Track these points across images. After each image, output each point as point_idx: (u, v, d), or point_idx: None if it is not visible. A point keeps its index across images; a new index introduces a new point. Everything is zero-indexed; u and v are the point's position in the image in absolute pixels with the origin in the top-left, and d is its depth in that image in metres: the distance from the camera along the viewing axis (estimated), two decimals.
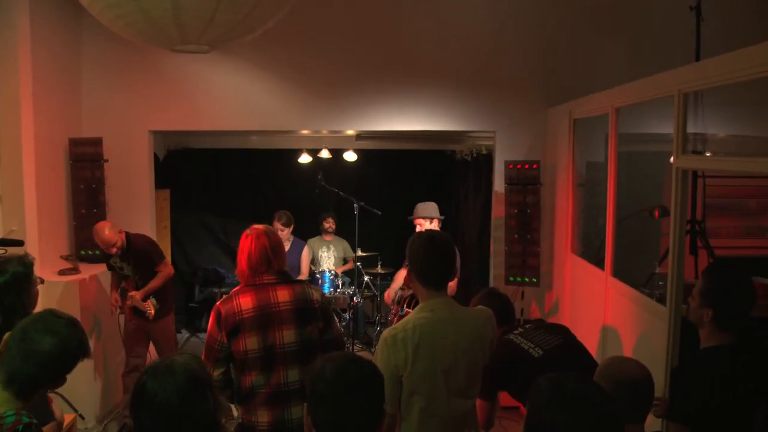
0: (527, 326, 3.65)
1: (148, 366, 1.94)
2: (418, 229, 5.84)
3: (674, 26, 5.28)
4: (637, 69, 4.63)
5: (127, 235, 5.36)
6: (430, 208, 5.92)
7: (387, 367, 2.63)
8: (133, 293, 5.28)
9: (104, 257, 5.53)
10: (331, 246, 7.88)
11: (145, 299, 5.35)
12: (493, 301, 3.65)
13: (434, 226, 5.75)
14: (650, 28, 5.96)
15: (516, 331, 3.55)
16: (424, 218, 5.83)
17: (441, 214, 5.94)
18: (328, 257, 7.82)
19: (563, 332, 3.60)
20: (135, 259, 5.38)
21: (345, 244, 8.02)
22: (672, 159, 3.62)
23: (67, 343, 1.99)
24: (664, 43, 5.61)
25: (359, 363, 1.87)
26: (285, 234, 6.93)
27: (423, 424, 2.69)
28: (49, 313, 2.04)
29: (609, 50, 6.08)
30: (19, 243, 4.08)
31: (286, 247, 6.10)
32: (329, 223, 7.90)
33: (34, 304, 2.79)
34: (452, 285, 5.53)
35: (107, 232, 5.15)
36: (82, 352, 2.04)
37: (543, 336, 3.48)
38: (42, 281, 2.89)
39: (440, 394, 2.69)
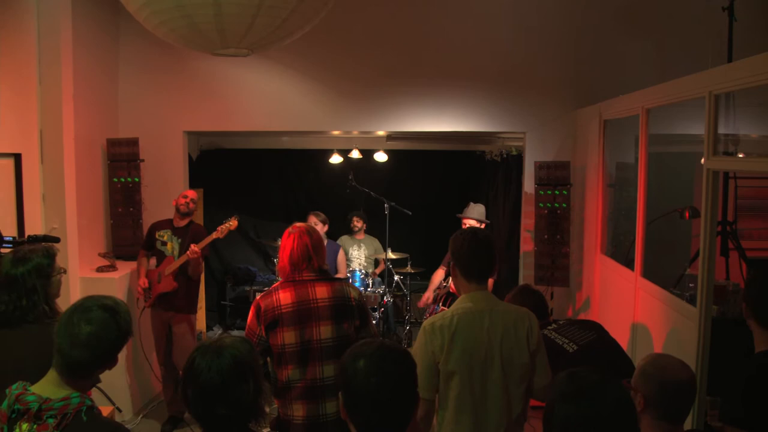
0: (561, 322, 3.69)
1: (200, 344, 2.05)
2: (463, 225, 5.96)
3: (704, 26, 5.28)
4: (667, 70, 4.66)
5: (192, 220, 5.67)
6: (480, 209, 6.01)
7: (425, 353, 2.73)
8: (193, 246, 5.35)
9: (149, 237, 5.68)
10: (362, 245, 7.95)
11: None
12: (527, 297, 3.72)
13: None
14: (679, 29, 5.95)
15: (550, 327, 3.60)
16: (473, 219, 5.91)
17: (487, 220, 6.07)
18: (358, 255, 7.89)
19: (597, 329, 3.63)
20: (190, 236, 5.51)
21: (376, 243, 8.08)
22: (703, 160, 3.63)
23: (106, 327, 2.05)
24: (693, 43, 5.60)
25: (391, 351, 1.90)
26: (320, 229, 7.00)
27: (458, 411, 2.76)
28: (89, 300, 2.12)
29: (638, 51, 6.08)
30: (56, 240, 4.20)
31: None
32: (358, 222, 7.96)
33: (57, 291, 2.89)
34: (490, 282, 5.62)
35: (190, 192, 5.73)
36: (123, 334, 2.11)
37: (577, 332, 3.52)
38: (64, 271, 3.00)
39: (475, 383, 2.75)
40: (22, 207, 5.00)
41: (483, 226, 5.92)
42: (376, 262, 8.08)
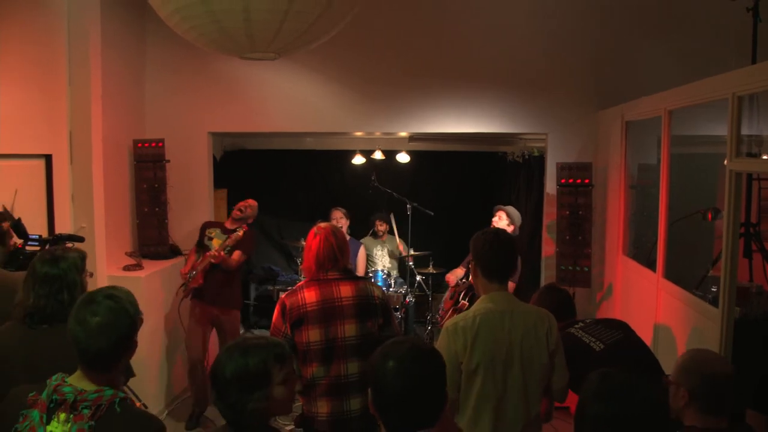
0: (588, 321, 3.71)
1: (233, 343, 2.13)
2: (494, 221, 5.99)
3: (727, 27, 5.26)
4: (690, 71, 4.64)
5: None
6: (518, 214, 6.08)
7: (448, 353, 2.77)
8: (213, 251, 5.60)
9: (202, 233, 5.96)
10: (385, 245, 7.99)
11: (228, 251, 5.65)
12: (554, 295, 3.75)
13: (508, 231, 5.86)
14: (703, 30, 5.93)
15: (577, 326, 3.61)
16: (507, 215, 5.92)
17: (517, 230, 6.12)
18: (382, 255, 7.93)
19: (624, 328, 3.63)
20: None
21: (395, 240, 8.12)
22: (726, 161, 3.64)
23: (115, 313, 2.10)
24: (717, 44, 5.59)
25: (421, 352, 1.93)
26: (343, 224, 7.10)
27: (478, 410, 2.81)
28: (91, 294, 2.17)
29: (661, 52, 6.07)
30: (81, 239, 4.32)
31: None
32: (381, 226, 7.98)
33: (85, 290, 2.97)
34: (511, 286, 5.64)
35: (253, 202, 6.06)
36: (132, 316, 2.16)
37: (604, 331, 3.53)
38: (91, 275, 3.09)
39: (497, 382, 2.79)
40: (52, 207, 5.11)
41: (511, 229, 5.93)
42: (394, 255, 8.11)
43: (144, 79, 6.66)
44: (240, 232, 5.56)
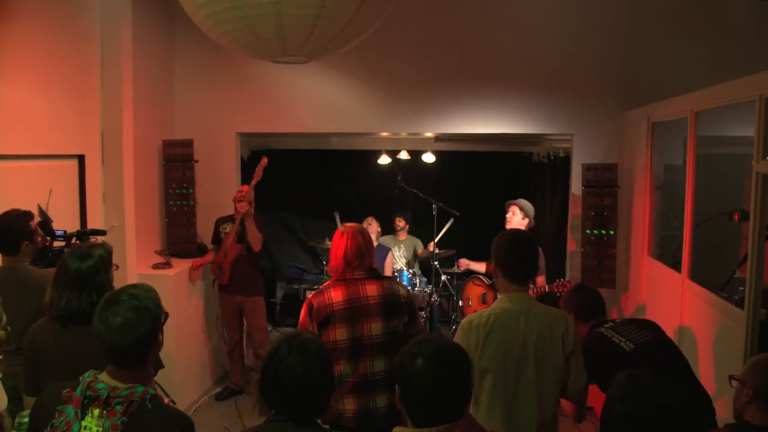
0: (618, 321, 3.71)
1: (285, 335, 2.19)
2: (509, 217, 5.95)
3: (756, 28, 5.22)
4: (717, 72, 4.63)
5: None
6: (530, 205, 6.03)
7: None
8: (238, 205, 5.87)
9: (216, 230, 6.25)
10: (402, 246, 8.03)
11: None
12: (583, 294, 3.77)
13: (523, 225, 5.84)
14: (730, 30, 5.89)
15: (606, 325, 3.61)
16: (520, 209, 5.90)
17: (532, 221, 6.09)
18: (399, 257, 7.97)
19: (654, 328, 3.63)
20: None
21: (416, 241, 8.17)
22: (753, 163, 3.63)
23: (137, 311, 2.15)
24: (745, 44, 5.55)
25: (448, 351, 1.98)
26: (373, 228, 7.24)
27: (491, 408, 2.84)
28: (115, 293, 2.22)
29: (687, 53, 6.03)
30: (103, 233, 4.44)
31: None
32: (400, 222, 8.04)
33: (111, 286, 3.03)
34: (540, 280, 5.68)
35: (245, 187, 6.07)
36: (154, 313, 2.21)
37: (634, 331, 3.54)
38: (117, 267, 3.15)
39: (509, 381, 2.82)
40: (84, 206, 5.22)
41: (526, 222, 5.90)
42: (415, 258, 8.17)
43: (173, 81, 6.78)
44: (263, 163, 5.88)
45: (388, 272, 7.08)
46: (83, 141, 5.21)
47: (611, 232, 5.96)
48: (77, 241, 4.00)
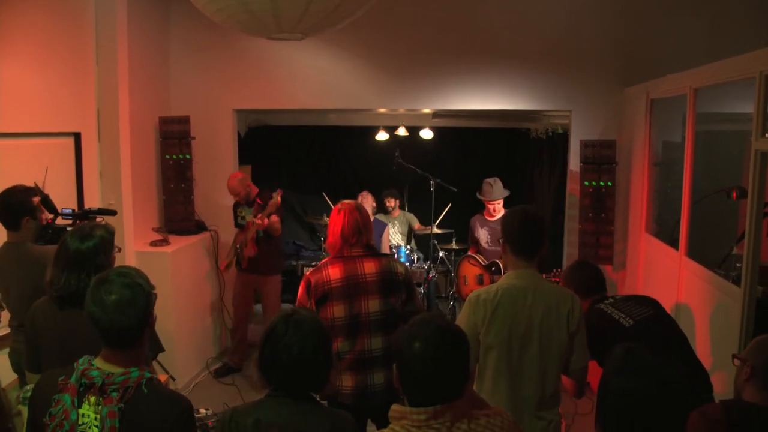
0: (618, 297, 3.72)
1: (281, 312, 2.22)
2: (490, 207, 6.08)
3: (755, 5, 5.19)
4: (716, 48, 4.59)
5: (261, 190, 6.27)
6: (499, 186, 6.18)
7: (468, 324, 2.81)
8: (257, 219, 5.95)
9: (235, 214, 6.37)
10: (396, 222, 8.01)
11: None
12: (584, 270, 3.77)
13: (500, 206, 6.02)
14: (730, 6, 5.85)
15: (607, 301, 3.62)
16: (497, 201, 6.03)
17: (506, 188, 6.30)
18: (393, 234, 7.97)
19: (653, 304, 3.63)
20: (259, 202, 6.08)
21: (410, 216, 8.17)
22: (752, 140, 3.61)
23: (131, 289, 2.14)
24: (745, 21, 5.52)
25: (447, 334, 1.96)
26: (368, 203, 7.22)
27: (495, 383, 2.85)
28: (105, 274, 2.21)
29: (687, 29, 5.98)
30: (113, 213, 4.40)
31: None
32: (390, 202, 8.00)
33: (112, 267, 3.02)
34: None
35: (231, 181, 6.19)
36: (146, 291, 2.19)
37: (633, 307, 3.54)
38: (119, 249, 3.14)
39: (513, 356, 2.83)
40: (81, 184, 5.21)
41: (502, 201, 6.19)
42: (411, 234, 8.16)
43: (169, 57, 6.72)
44: (278, 198, 5.90)
45: (385, 247, 7.09)
46: (79, 119, 5.18)
47: (609, 183, 5.96)
48: (82, 221, 3.97)
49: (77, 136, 5.17)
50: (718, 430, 2.33)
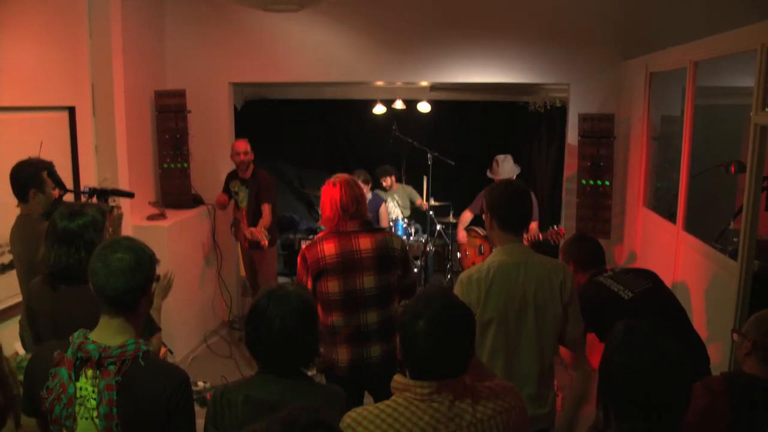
0: (617, 270, 3.72)
1: (267, 288, 2.22)
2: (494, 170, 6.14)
3: None
4: (716, 21, 4.54)
5: (256, 167, 6.14)
6: (510, 164, 6.14)
7: None
8: (251, 228, 5.84)
9: (226, 185, 6.28)
10: (395, 195, 7.97)
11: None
12: (583, 243, 3.78)
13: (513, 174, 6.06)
14: None
15: (606, 274, 3.61)
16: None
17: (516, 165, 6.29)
18: (393, 207, 7.94)
19: (652, 277, 3.62)
20: (255, 186, 6.03)
21: (409, 189, 8.14)
22: (751, 114, 3.59)
23: (136, 252, 2.15)
24: None
25: (451, 312, 1.94)
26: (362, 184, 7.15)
27: (492, 359, 2.84)
28: (109, 241, 2.23)
29: (687, 1, 5.93)
30: (131, 195, 4.37)
31: None
32: (385, 181, 7.93)
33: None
34: (533, 227, 5.89)
35: (239, 142, 6.08)
36: (150, 258, 2.21)
37: (632, 279, 3.54)
38: (112, 231, 3.12)
39: (510, 333, 2.82)
40: (76, 158, 5.16)
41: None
42: (412, 205, 8.14)
43: (164, 31, 6.66)
44: (265, 241, 5.79)
45: (383, 223, 7.07)
46: (73, 92, 5.12)
47: (607, 183, 5.94)
48: (99, 199, 3.92)
49: (72, 110, 5.11)
50: (721, 401, 2.36)
